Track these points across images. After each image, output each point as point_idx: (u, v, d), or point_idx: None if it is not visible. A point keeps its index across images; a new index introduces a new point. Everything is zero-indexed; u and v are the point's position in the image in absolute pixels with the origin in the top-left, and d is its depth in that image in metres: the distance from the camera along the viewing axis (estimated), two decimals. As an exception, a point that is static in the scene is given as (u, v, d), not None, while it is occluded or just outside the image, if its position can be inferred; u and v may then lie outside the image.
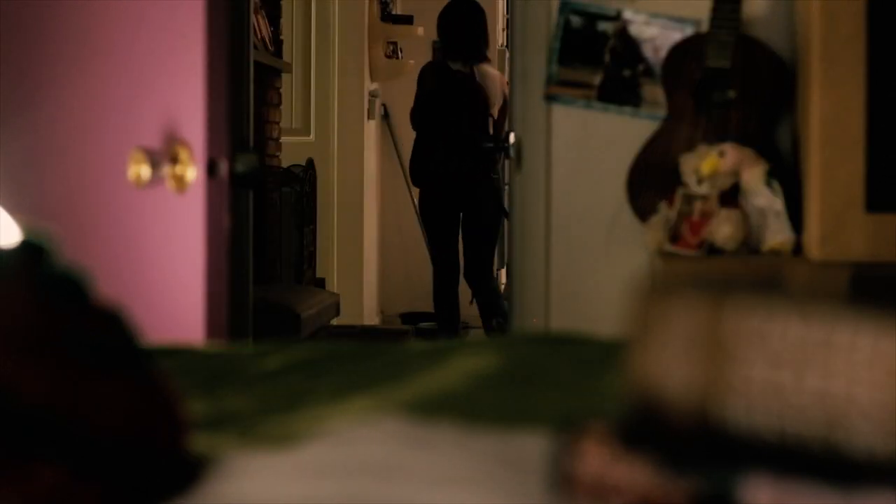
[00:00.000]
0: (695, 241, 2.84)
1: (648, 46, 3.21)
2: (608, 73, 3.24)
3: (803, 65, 2.85)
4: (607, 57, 3.24)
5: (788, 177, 2.89)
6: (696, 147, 2.95)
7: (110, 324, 0.85)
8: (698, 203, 2.86)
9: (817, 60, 2.60)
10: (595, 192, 3.26)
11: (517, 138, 3.38)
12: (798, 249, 2.81)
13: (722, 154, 2.87)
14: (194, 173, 2.07)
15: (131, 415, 0.80)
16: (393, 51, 7.81)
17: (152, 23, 2.12)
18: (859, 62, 2.57)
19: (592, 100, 3.25)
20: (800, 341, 0.67)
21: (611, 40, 3.24)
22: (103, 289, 0.91)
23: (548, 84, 3.27)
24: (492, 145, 3.51)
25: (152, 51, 2.12)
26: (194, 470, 0.85)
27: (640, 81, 3.22)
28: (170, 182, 2.05)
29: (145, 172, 1.96)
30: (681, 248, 2.86)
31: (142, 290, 2.09)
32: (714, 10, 3.02)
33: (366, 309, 7.26)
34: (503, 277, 8.57)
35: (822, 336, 0.67)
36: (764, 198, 2.83)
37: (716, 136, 2.97)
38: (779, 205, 2.81)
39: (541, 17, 3.28)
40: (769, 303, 0.69)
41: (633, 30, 3.22)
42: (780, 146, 3.05)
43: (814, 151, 2.63)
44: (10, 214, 1.11)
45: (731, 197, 2.86)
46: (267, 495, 0.80)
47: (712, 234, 2.83)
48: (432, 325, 7.45)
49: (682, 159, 2.93)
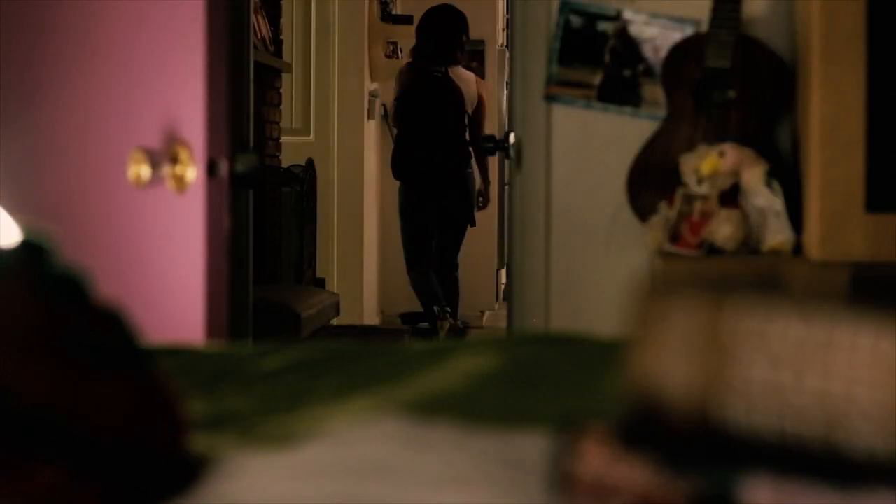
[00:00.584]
0: (695, 241, 2.84)
1: (648, 46, 3.21)
2: (608, 73, 3.24)
3: (803, 65, 2.85)
4: (607, 57, 3.24)
5: (788, 177, 2.89)
6: (696, 147, 2.95)
7: (110, 324, 0.85)
8: (698, 203, 2.86)
9: (817, 60, 2.60)
10: (595, 192, 3.26)
11: (517, 138, 3.38)
12: (798, 249, 2.81)
13: (722, 154, 2.87)
14: (194, 173, 2.07)
15: (131, 415, 0.80)
16: (393, 51, 7.82)
17: (152, 23, 2.12)
18: (859, 62, 2.56)
19: (592, 100, 3.25)
20: (800, 341, 0.67)
21: (611, 40, 3.24)
22: (103, 289, 0.91)
23: (548, 84, 3.27)
24: (491, 145, 3.51)
25: (152, 51, 2.12)
26: (194, 470, 0.85)
27: (640, 81, 3.22)
28: (170, 182, 2.05)
29: (145, 172, 1.96)
30: (681, 248, 2.86)
31: (142, 290, 2.09)
32: (714, 10, 3.02)
33: (366, 309, 7.26)
34: (503, 277, 8.58)
35: (822, 336, 0.67)
36: (764, 198, 2.83)
37: (716, 136, 2.97)
38: (779, 205, 2.81)
39: (541, 17, 3.28)
40: (769, 303, 0.69)
41: (633, 30, 3.22)
42: (780, 146, 3.05)
43: (814, 151, 2.63)
44: (10, 214, 1.11)
45: (731, 197, 2.86)
46: (267, 495, 0.80)
47: (712, 234, 2.83)
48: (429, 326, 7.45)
49: (682, 159, 2.93)
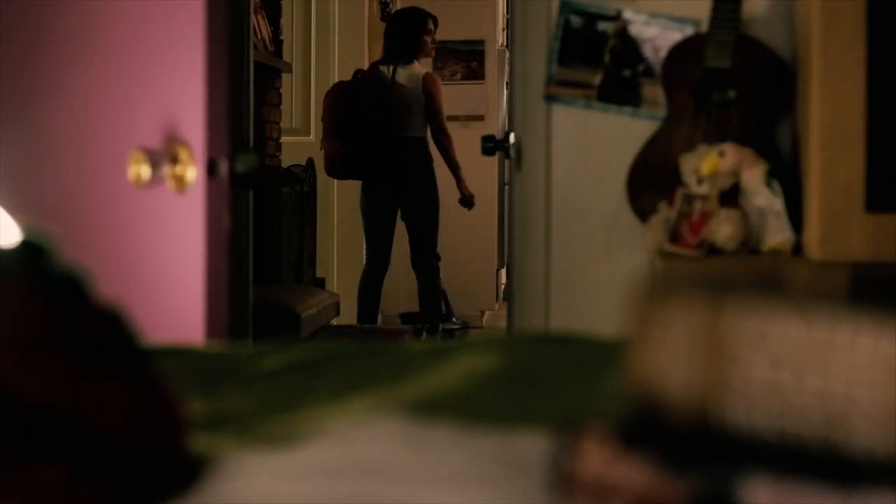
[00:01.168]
0: (695, 241, 2.84)
1: (648, 46, 3.21)
2: (608, 73, 3.24)
3: (803, 65, 2.85)
4: (607, 57, 3.24)
5: (788, 177, 2.89)
6: (696, 147, 2.95)
7: (110, 324, 0.85)
8: (698, 203, 2.86)
9: (817, 60, 2.60)
10: (595, 192, 3.26)
11: (517, 138, 3.38)
12: (798, 249, 2.81)
13: (722, 154, 2.87)
14: (194, 173, 2.07)
15: (131, 415, 0.80)
16: (393, 51, 7.82)
17: (152, 23, 2.12)
18: (859, 62, 2.56)
19: (592, 100, 3.25)
20: (800, 341, 0.67)
21: (611, 40, 3.24)
22: (103, 289, 0.91)
23: (548, 84, 3.27)
24: (491, 145, 3.51)
25: (152, 51, 2.12)
26: (194, 470, 0.85)
27: (640, 81, 3.22)
28: (170, 182, 2.05)
29: (145, 172, 1.96)
30: (681, 248, 2.86)
31: (142, 290, 2.09)
32: (714, 10, 3.02)
33: (366, 309, 7.25)
34: (503, 277, 8.58)
35: (822, 336, 0.67)
36: (764, 198, 2.83)
37: (716, 136, 2.97)
38: (779, 205, 2.81)
39: (541, 17, 3.28)
40: (769, 303, 0.69)
41: (633, 30, 3.22)
42: (780, 146, 3.05)
43: (814, 151, 2.63)
44: (10, 214, 1.11)
45: (731, 197, 2.86)
46: (267, 495, 0.80)
47: (712, 234, 2.83)
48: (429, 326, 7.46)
49: (682, 159, 2.93)
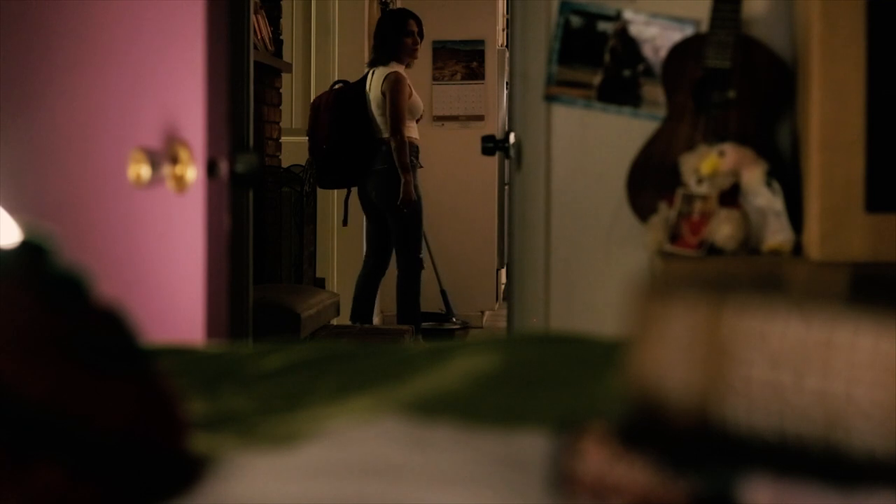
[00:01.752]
0: (695, 241, 2.84)
1: (648, 46, 3.21)
2: (608, 73, 3.24)
3: (803, 65, 2.85)
4: (607, 57, 3.24)
5: (788, 177, 2.89)
6: (696, 147, 2.95)
7: (110, 324, 0.85)
8: (698, 203, 2.86)
9: (817, 60, 2.60)
10: (595, 192, 3.26)
11: (517, 138, 3.38)
12: (798, 249, 2.81)
13: (722, 154, 2.87)
14: (194, 173, 2.07)
15: (131, 415, 0.80)
16: (393, 51, 7.82)
17: (152, 23, 2.12)
18: (859, 62, 2.56)
19: (592, 100, 3.25)
20: (800, 341, 0.67)
21: (611, 40, 3.24)
22: (103, 289, 0.91)
23: (548, 84, 3.27)
24: (491, 145, 3.51)
25: (152, 51, 2.12)
26: (194, 470, 0.85)
27: (640, 81, 3.22)
28: (170, 182, 2.05)
29: (145, 172, 1.96)
30: (681, 248, 2.86)
31: (142, 290, 2.09)
32: (714, 10, 3.02)
33: (366, 309, 7.25)
34: (503, 277, 8.58)
35: (822, 336, 0.67)
36: (764, 198, 2.83)
37: (716, 136, 2.97)
38: (779, 205, 2.81)
39: (541, 17, 3.28)
40: (769, 303, 0.69)
41: (633, 30, 3.22)
42: (780, 146, 3.05)
43: (814, 151, 2.63)
44: (10, 214, 1.11)
45: (731, 197, 2.86)
46: (267, 495, 0.80)
47: (712, 234, 2.83)
48: (433, 325, 7.45)
49: (681, 159, 2.93)
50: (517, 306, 3.45)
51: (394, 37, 6.34)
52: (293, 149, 6.88)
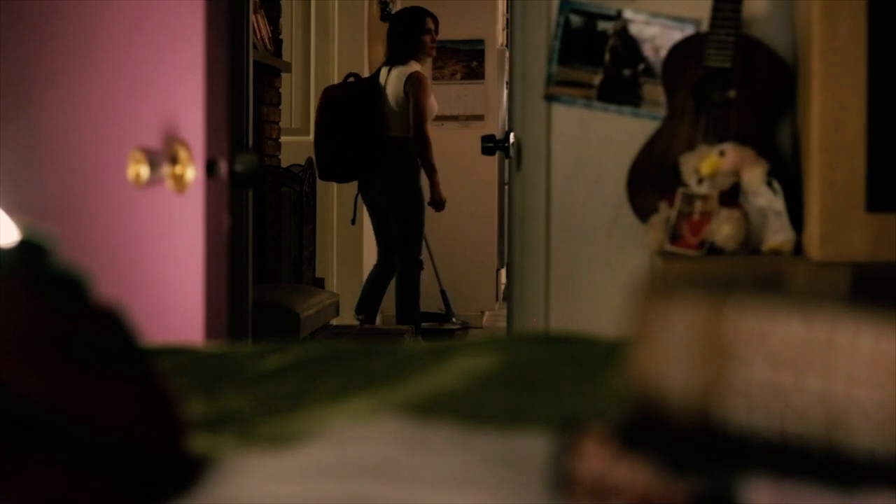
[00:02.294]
0: (695, 240, 2.84)
1: (648, 46, 3.21)
2: (608, 73, 3.24)
3: (803, 65, 2.85)
4: (607, 57, 3.24)
5: (788, 177, 2.89)
6: (696, 147, 2.95)
7: (110, 324, 0.85)
8: (698, 203, 2.86)
9: (817, 60, 2.60)
10: (595, 192, 3.26)
11: (517, 138, 3.38)
12: (798, 249, 2.81)
13: (722, 154, 2.87)
14: (194, 173, 2.07)
15: (131, 415, 0.80)
16: (393, 51, 7.81)
17: (152, 22, 2.11)
18: (859, 62, 2.56)
19: (592, 99, 3.25)
20: (800, 341, 0.67)
21: (611, 40, 3.24)
22: (103, 289, 0.91)
23: (548, 84, 3.27)
24: (491, 145, 3.51)
25: (152, 51, 2.12)
26: (194, 470, 0.85)
27: (640, 81, 3.22)
28: (169, 182, 2.04)
29: (145, 172, 1.96)
30: (681, 248, 2.86)
31: (142, 290, 2.09)
32: (714, 10, 3.02)
33: (366, 309, 7.25)
34: (503, 277, 8.58)
35: (822, 336, 0.66)
36: (764, 197, 2.83)
37: (716, 136, 2.97)
38: (779, 204, 2.81)
39: (541, 17, 3.28)
40: (769, 303, 0.69)
41: (633, 29, 3.22)
42: (780, 146, 3.05)
43: (814, 151, 2.63)
44: (10, 214, 1.11)
45: (732, 197, 2.86)
46: (267, 495, 0.80)
47: (712, 233, 2.82)
48: (433, 326, 7.45)
49: (682, 159, 2.93)
50: (517, 306, 3.45)
51: (412, 35, 6.32)
52: (292, 149, 6.88)
